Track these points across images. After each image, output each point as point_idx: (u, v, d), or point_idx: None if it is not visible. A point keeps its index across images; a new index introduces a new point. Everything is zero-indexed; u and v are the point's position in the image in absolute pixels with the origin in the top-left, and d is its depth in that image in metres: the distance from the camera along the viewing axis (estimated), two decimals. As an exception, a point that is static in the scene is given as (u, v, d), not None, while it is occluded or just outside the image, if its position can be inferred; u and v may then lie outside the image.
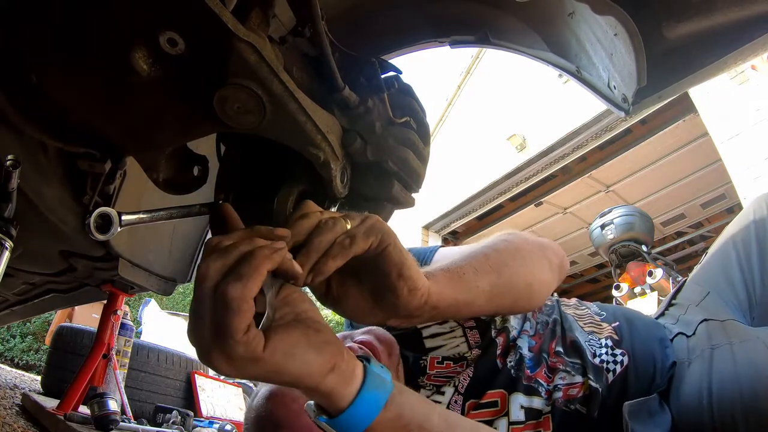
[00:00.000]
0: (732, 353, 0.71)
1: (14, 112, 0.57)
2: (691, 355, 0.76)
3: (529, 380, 0.71)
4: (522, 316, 0.80)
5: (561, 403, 0.68)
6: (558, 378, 0.70)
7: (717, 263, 0.95)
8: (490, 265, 0.62)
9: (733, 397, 0.65)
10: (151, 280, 1.42)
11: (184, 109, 0.49)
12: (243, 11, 0.47)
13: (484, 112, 5.84)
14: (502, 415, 0.68)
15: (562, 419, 0.67)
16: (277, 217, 0.59)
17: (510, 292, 0.65)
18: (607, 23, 0.74)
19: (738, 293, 0.87)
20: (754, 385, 0.64)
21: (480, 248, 0.67)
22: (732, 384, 0.66)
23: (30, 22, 0.48)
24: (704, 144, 4.12)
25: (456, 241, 6.56)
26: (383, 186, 0.61)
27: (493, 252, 0.66)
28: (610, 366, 0.72)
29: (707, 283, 0.93)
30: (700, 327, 0.80)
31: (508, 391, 0.70)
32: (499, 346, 0.75)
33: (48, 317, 5.15)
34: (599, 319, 0.83)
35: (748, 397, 0.63)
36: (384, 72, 0.65)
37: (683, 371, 0.74)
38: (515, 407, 0.68)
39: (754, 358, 0.68)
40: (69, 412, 1.63)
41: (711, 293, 0.89)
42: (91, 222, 0.48)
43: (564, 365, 0.72)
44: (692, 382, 0.71)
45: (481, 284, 0.58)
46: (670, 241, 6.21)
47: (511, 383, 0.71)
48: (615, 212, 3.83)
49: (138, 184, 1.01)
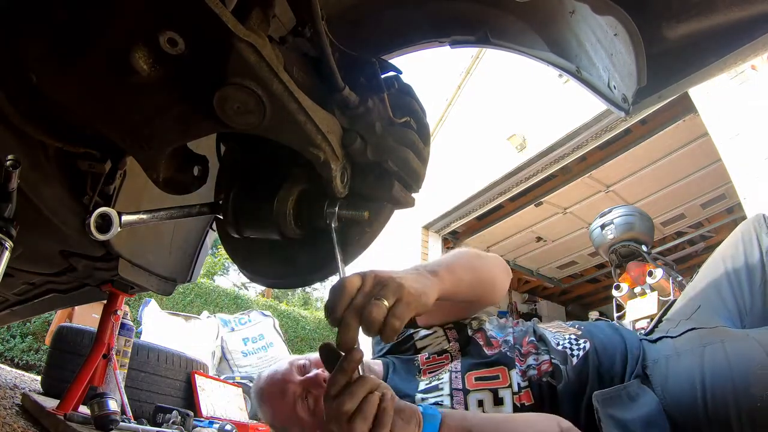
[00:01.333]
0: (724, 349, 0.76)
1: (14, 112, 0.57)
2: (679, 350, 0.82)
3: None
4: (499, 325, 1.00)
5: (536, 379, 0.84)
6: (531, 359, 0.87)
7: (708, 279, 1.01)
8: (468, 265, 0.84)
9: (725, 386, 0.70)
10: (151, 280, 1.42)
11: (184, 109, 0.49)
12: (243, 11, 0.47)
13: (484, 112, 5.84)
14: (506, 386, 0.84)
15: (539, 392, 0.82)
16: (277, 216, 0.59)
17: (481, 284, 0.89)
18: (607, 23, 0.74)
19: (728, 304, 0.92)
20: (746, 375, 0.69)
21: (455, 253, 0.89)
22: (724, 374, 0.71)
23: (30, 22, 0.48)
24: (704, 144, 4.11)
25: (456, 241, 6.55)
26: (383, 186, 0.61)
27: (466, 255, 0.89)
28: (574, 351, 0.86)
29: (698, 297, 0.99)
30: (689, 333, 0.86)
31: (508, 368, 0.86)
32: (480, 339, 0.95)
33: (48, 317, 5.15)
34: (566, 326, 0.97)
35: (741, 386, 0.69)
36: (384, 72, 0.65)
37: (670, 363, 0.81)
38: (516, 380, 0.84)
39: (745, 351, 0.73)
40: (69, 412, 1.63)
41: (702, 307, 0.94)
42: (91, 222, 0.48)
43: (535, 349, 0.89)
44: (683, 373, 0.77)
45: (464, 278, 0.79)
46: (670, 241, 6.21)
47: (508, 362, 0.88)
48: (615, 212, 3.82)
49: (138, 184, 1.01)
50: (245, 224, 0.62)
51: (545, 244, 6.69)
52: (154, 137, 0.52)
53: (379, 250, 3.30)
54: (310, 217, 0.60)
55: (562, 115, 4.55)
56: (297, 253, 0.67)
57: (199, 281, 7.65)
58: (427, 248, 6.35)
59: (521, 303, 7.93)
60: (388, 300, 0.55)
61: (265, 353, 5.21)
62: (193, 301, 7.55)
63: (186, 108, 0.49)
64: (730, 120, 3.31)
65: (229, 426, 2.30)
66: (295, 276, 0.69)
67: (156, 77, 0.46)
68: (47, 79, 0.50)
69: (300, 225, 0.61)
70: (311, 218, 0.60)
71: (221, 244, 0.73)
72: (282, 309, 8.65)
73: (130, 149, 0.54)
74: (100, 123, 0.52)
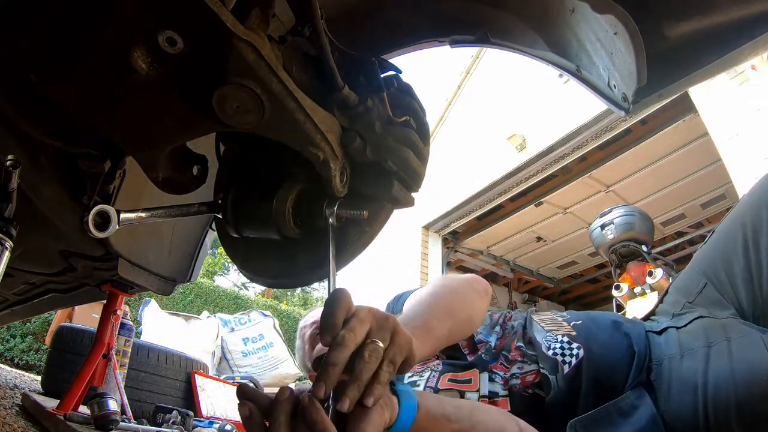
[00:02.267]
0: (729, 351, 0.70)
1: (14, 112, 0.56)
2: (683, 349, 0.76)
3: (490, 371, 0.86)
4: (491, 323, 0.97)
5: (519, 389, 0.81)
6: (515, 368, 0.84)
7: (720, 248, 0.84)
8: (444, 312, 0.76)
9: (728, 396, 0.65)
10: (151, 280, 1.42)
11: (183, 109, 0.49)
12: (242, 11, 0.47)
13: (484, 112, 5.84)
14: (475, 390, 0.83)
15: (522, 402, 0.79)
16: (276, 215, 0.59)
17: (460, 329, 0.82)
18: (607, 22, 0.74)
19: (738, 285, 0.77)
20: (749, 386, 0.64)
21: (432, 297, 0.82)
22: (727, 384, 0.66)
23: (30, 22, 0.48)
24: (704, 144, 4.11)
25: (456, 242, 6.56)
26: (383, 185, 0.61)
27: (441, 300, 0.81)
28: (566, 358, 0.81)
29: (706, 271, 0.85)
30: (695, 323, 0.79)
31: (479, 370, 0.86)
32: (465, 345, 0.93)
33: (48, 317, 5.14)
34: (561, 320, 0.91)
35: (744, 398, 0.64)
36: (383, 71, 0.65)
37: (673, 366, 0.75)
38: (484, 384, 0.83)
39: (750, 357, 0.67)
40: (69, 412, 1.63)
41: (708, 285, 0.82)
42: (90, 220, 0.48)
43: (522, 357, 0.85)
44: (686, 379, 0.71)
45: (442, 331, 0.73)
46: (670, 241, 6.20)
47: (482, 365, 0.86)
48: (615, 212, 3.82)
49: (137, 184, 1.01)
50: (244, 224, 0.62)
51: (545, 244, 6.69)
52: (153, 137, 0.52)
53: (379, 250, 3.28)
54: (309, 216, 0.60)
55: (562, 115, 4.55)
56: (296, 253, 0.67)
57: (199, 281, 7.65)
58: (427, 248, 6.35)
59: (521, 303, 7.94)
60: (383, 339, 0.51)
61: (265, 353, 5.20)
62: (193, 301, 7.54)
63: (185, 107, 0.48)
64: (730, 120, 3.31)
65: (229, 426, 2.30)
66: (295, 276, 0.69)
67: (155, 77, 0.46)
68: (47, 79, 0.50)
69: (299, 224, 0.61)
70: (310, 218, 0.60)
71: (221, 243, 0.73)
72: (282, 309, 8.65)
73: (129, 149, 0.54)
74: (100, 123, 0.52)
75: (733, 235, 0.80)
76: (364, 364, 0.47)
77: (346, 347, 0.47)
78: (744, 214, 0.81)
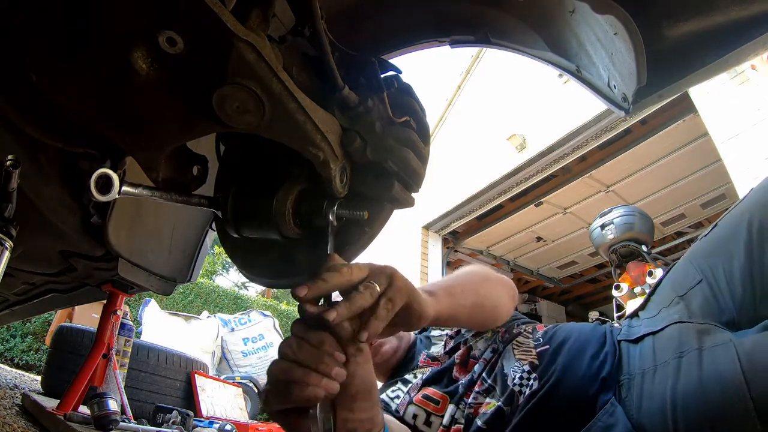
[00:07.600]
0: (700, 362, 0.66)
1: (14, 112, 0.57)
2: (657, 360, 0.73)
3: (459, 402, 0.86)
4: (485, 339, 0.96)
5: (471, 417, 0.81)
6: (471, 398, 0.84)
7: (722, 242, 0.78)
8: (471, 288, 0.80)
9: (698, 413, 0.63)
10: (151, 280, 1.42)
11: (183, 109, 0.49)
12: (243, 11, 0.47)
13: (484, 112, 5.84)
14: (440, 415, 0.85)
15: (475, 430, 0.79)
16: (276, 215, 0.59)
17: (483, 311, 0.84)
18: (607, 22, 0.74)
19: (736, 286, 0.72)
20: (721, 401, 0.61)
21: (464, 274, 0.86)
22: (697, 401, 0.64)
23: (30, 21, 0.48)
24: (704, 144, 4.11)
25: (456, 242, 6.56)
26: (383, 186, 0.61)
27: (472, 276, 0.85)
28: (524, 389, 0.80)
29: (703, 266, 0.79)
30: (670, 329, 0.75)
31: (449, 400, 0.86)
32: (459, 357, 0.93)
33: (48, 317, 5.14)
34: (533, 345, 0.89)
35: (715, 414, 0.61)
36: (384, 71, 0.64)
37: (645, 380, 0.72)
38: (448, 414, 0.84)
39: (721, 370, 0.63)
40: (69, 412, 1.63)
41: (703, 281, 0.77)
42: (92, 182, 0.48)
43: (480, 387, 0.85)
44: (656, 396, 0.69)
45: (464, 301, 0.76)
46: (670, 241, 6.21)
47: (456, 397, 0.86)
48: (615, 212, 3.82)
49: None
50: (244, 224, 0.62)
51: (545, 244, 6.69)
52: (153, 137, 0.52)
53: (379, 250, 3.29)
54: (309, 216, 0.60)
55: (562, 115, 4.55)
56: (296, 253, 0.67)
57: (199, 281, 7.64)
58: (427, 248, 6.35)
59: (521, 303, 7.93)
60: (380, 284, 0.54)
61: (265, 353, 5.20)
62: (193, 301, 7.54)
63: (185, 108, 0.48)
64: (730, 120, 3.31)
65: (229, 426, 2.30)
66: (295, 276, 0.69)
67: (155, 77, 0.46)
68: (47, 79, 0.50)
69: (299, 225, 0.61)
70: (310, 218, 0.60)
71: (221, 243, 0.73)
72: (282, 309, 8.64)
73: (129, 149, 0.54)
74: (100, 123, 0.52)
75: (737, 232, 0.75)
76: (358, 294, 0.51)
77: (341, 274, 0.51)
78: (752, 212, 0.74)
